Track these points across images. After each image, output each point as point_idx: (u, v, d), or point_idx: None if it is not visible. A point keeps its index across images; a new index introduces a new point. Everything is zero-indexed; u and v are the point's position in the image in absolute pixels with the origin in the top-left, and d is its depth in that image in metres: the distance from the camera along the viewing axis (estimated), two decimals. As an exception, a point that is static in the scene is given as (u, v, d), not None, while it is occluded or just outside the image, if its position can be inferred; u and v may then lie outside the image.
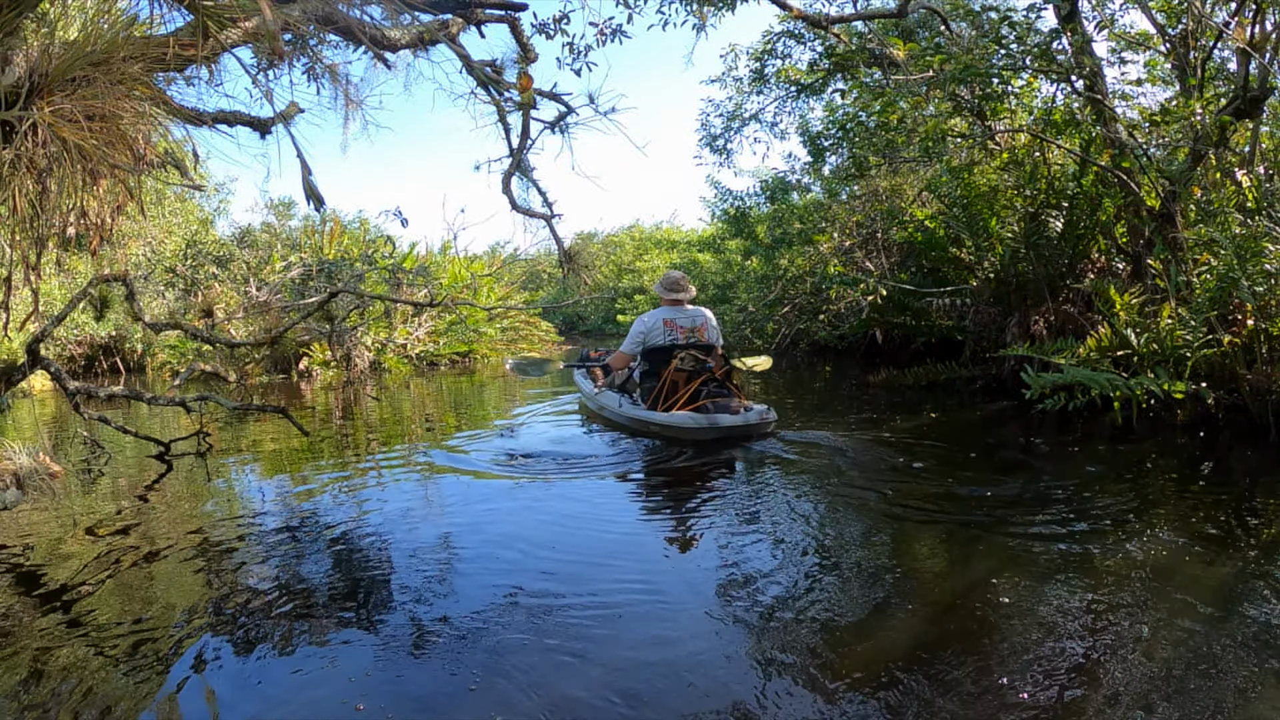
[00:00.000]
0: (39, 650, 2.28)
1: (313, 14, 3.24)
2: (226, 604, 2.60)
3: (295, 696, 2.01)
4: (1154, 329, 4.73)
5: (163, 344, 12.52)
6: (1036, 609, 2.36)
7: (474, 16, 4.28)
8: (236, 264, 14.74)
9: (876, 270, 9.29)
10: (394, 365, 11.55)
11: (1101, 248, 6.56)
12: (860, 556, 2.92)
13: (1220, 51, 6.01)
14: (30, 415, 7.98)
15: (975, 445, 4.98)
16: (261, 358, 9.99)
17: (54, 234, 3.12)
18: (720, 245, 13.95)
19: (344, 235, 13.92)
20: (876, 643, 2.20)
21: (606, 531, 3.31)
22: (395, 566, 2.94)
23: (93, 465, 5.03)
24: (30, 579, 2.91)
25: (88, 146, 2.40)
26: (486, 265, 16.07)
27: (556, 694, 1.96)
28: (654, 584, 2.67)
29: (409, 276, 8.91)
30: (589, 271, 21.70)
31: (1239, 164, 5.68)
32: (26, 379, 5.12)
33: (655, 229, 25.61)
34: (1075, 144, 6.14)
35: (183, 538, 3.39)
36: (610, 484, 4.16)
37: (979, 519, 3.29)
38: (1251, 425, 4.51)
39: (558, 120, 5.02)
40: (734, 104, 10.63)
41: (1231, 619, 2.24)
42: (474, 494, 4.03)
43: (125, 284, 4.74)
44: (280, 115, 3.70)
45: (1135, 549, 2.85)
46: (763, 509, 3.58)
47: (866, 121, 6.97)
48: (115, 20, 2.68)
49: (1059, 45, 5.84)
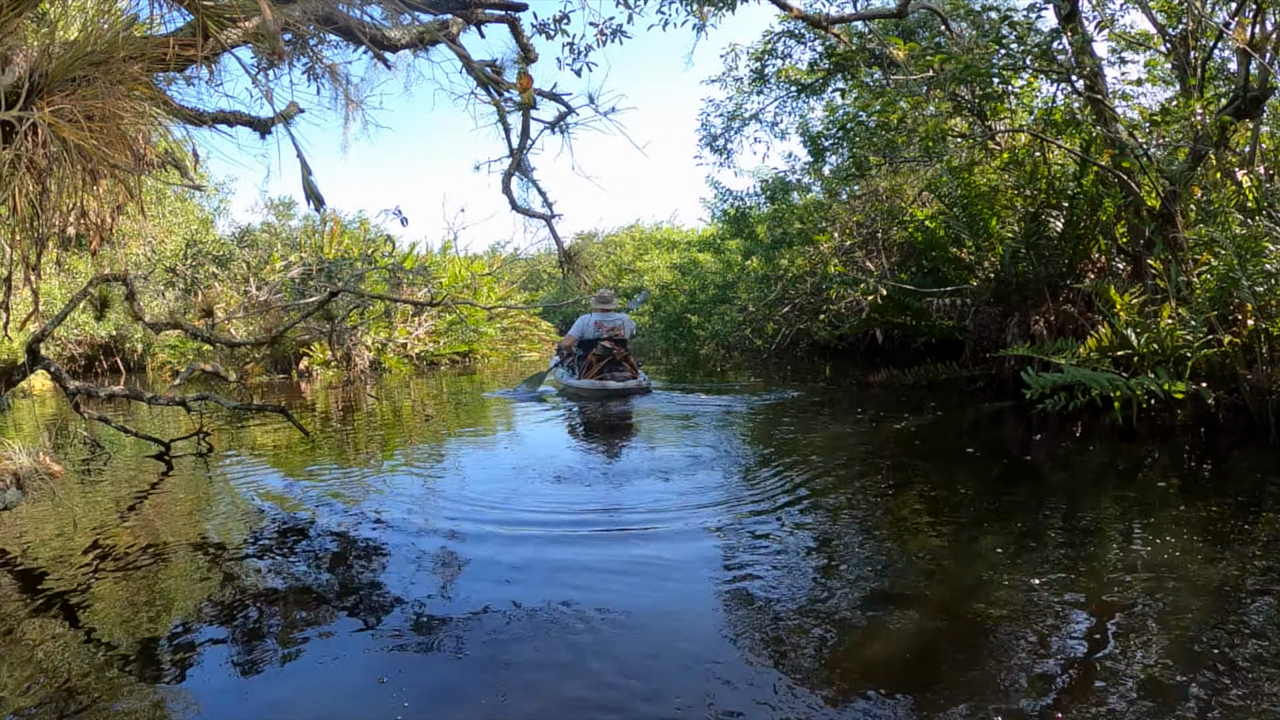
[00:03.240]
0: (40, 650, 2.28)
1: (313, 14, 3.24)
2: (226, 603, 2.60)
3: (295, 696, 2.00)
4: (1154, 329, 4.73)
5: (163, 344, 12.51)
6: (1037, 608, 2.36)
7: (474, 16, 4.27)
8: (236, 264, 14.75)
9: (876, 270, 9.29)
10: (394, 365, 11.55)
11: (1102, 248, 6.56)
12: (860, 556, 2.92)
13: (1220, 51, 6.01)
14: (30, 415, 7.98)
15: (975, 445, 4.98)
16: (261, 357, 10.00)
17: (54, 234, 3.12)
18: (720, 245, 13.94)
19: (344, 235, 13.92)
20: (877, 642, 2.20)
21: (607, 530, 3.31)
22: (396, 566, 2.94)
23: (93, 465, 5.03)
24: (30, 579, 2.91)
25: (88, 146, 2.40)
26: (486, 265, 16.08)
27: (557, 693, 1.96)
28: (655, 583, 2.67)
29: (409, 276, 8.90)
30: (589, 271, 21.68)
31: (1239, 164, 5.68)
32: (26, 379, 5.12)
33: (655, 229, 25.56)
34: (1075, 144, 6.14)
35: (183, 537, 3.39)
36: (610, 482, 4.16)
37: (979, 519, 3.29)
38: (1251, 425, 4.51)
39: (558, 120, 5.01)
40: (734, 104, 10.61)
41: (1232, 619, 2.24)
42: (474, 493, 4.03)
43: (125, 284, 4.74)
44: (280, 115, 3.69)
45: (1135, 549, 2.85)
46: (763, 509, 3.58)
47: (867, 121, 6.95)
48: (115, 20, 2.68)
49: (1059, 45, 5.83)
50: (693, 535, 3.22)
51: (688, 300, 13.57)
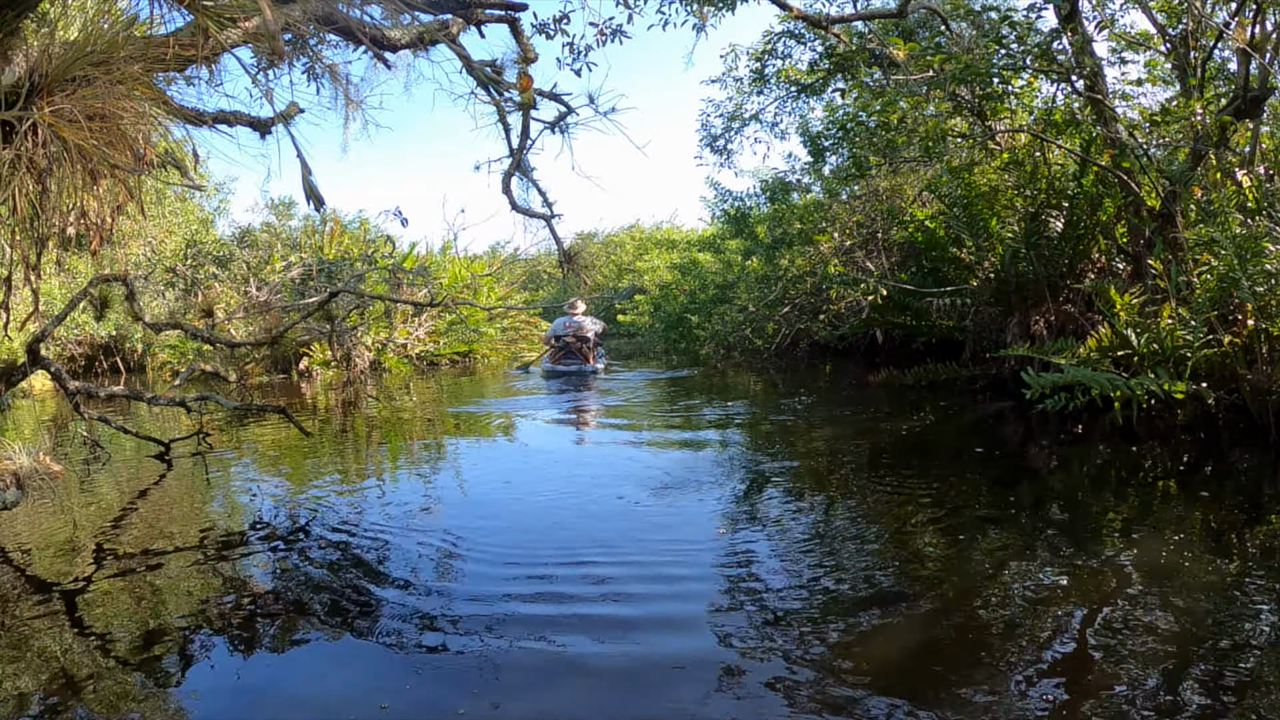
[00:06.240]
0: (40, 649, 2.27)
1: (313, 14, 3.24)
2: (226, 604, 2.60)
3: (295, 696, 2.00)
4: (1154, 329, 4.73)
5: (163, 344, 12.50)
6: (1037, 608, 2.36)
7: (474, 16, 4.27)
8: (236, 264, 14.74)
9: (877, 270, 9.28)
10: (394, 365, 11.54)
11: (1102, 248, 6.56)
12: (861, 556, 2.92)
13: (1220, 51, 6.00)
14: (30, 415, 7.97)
15: (975, 445, 4.98)
16: (261, 358, 9.99)
17: (54, 234, 3.12)
18: (720, 245, 13.93)
19: (344, 235, 13.91)
20: (877, 642, 2.20)
21: (607, 528, 3.31)
22: (395, 566, 2.94)
23: (93, 465, 5.03)
24: (31, 578, 2.91)
25: (88, 146, 2.40)
26: (486, 265, 16.07)
27: (552, 697, 1.96)
28: (654, 582, 2.67)
29: (409, 276, 8.89)
30: (589, 271, 21.66)
31: (1239, 164, 5.67)
32: (26, 379, 5.12)
33: (655, 229, 25.54)
34: (1075, 144, 6.13)
35: (183, 537, 3.39)
36: (610, 480, 4.15)
37: (979, 518, 3.28)
38: (1251, 425, 4.51)
39: (558, 120, 5.00)
40: (734, 104, 10.60)
41: (1232, 618, 2.23)
42: (473, 492, 4.03)
43: (125, 284, 4.74)
44: (280, 115, 3.69)
45: (1136, 548, 2.85)
46: (763, 508, 3.57)
47: (867, 121, 6.94)
48: (115, 20, 2.67)
49: (1059, 45, 5.83)
50: (693, 534, 3.22)
51: (688, 300, 13.58)
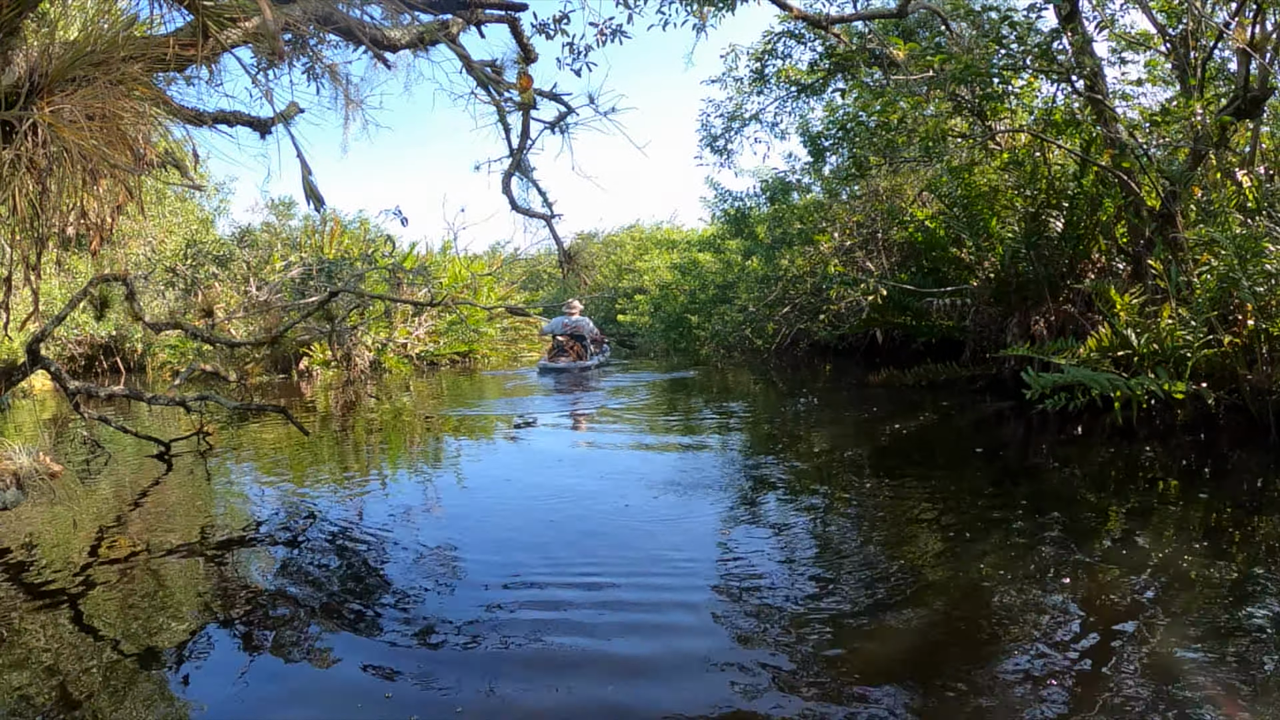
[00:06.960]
0: (40, 649, 2.27)
1: (313, 14, 3.24)
2: (226, 603, 2.60)
3: (295, 696, 2.00)
4: (1154, 329, 4.73)
5: (163, 344, 12.50)
6: (1037, 608, 2.36)
7: (474, 16, 4.27)
8: (236, 264, 14.73)
9: (877, 270, 9.28)
10: (394, 365, 11.55)
11: (1102, 248, 6.56)
12: (861, 556, 2.92)
13: (1220, 52, 6.00)
14: (30, 415, 7.97)
15: (976, 445, 4.98)
16: (261, 357, 10.00)
17: (54, 234, 3.12)
18: (720, 245, 13.94)
19: (344, 235, 13.91)
20: (877, 642, 2.20)
21: (608, 528, 3.31)
22: (395, 566, 2.94)
23: (93, 465, 5.03)
24: (31, 578, 2.91)
25: (88, 146, 2.40)
26: (486, 265, 16.07)
27: (555, 696, 1.96)
28: (653, 581, 2.67)
29: (409, 276, 8.89)
30: (589, 271, 21.66)
31: (1239, 164, 5.67)
32: (26, 379, 5.12)
33: (655, 229, 25.52)
34: (1075, 144, 6.13)
35: (183, 537, 3.39)
36: (610, 480, 4.15)
37: (979, 518, 3.28)
38: (1251, 425, 4.51)
39: (558, 120, 5.01)
40: (734, 104, 10.60)
41: (1232, 618, 2.23)
42: (472, 492, 4.03)
43: (125, 284, 4.74)
44: (280, 115, 3.69)
45: (1136, 548, 2.85)
46: (764, 508, 3.57)
47: (867, 121, 6.95)
48: (115, 20, 2.67)
49: (1059, 45, 5.83)
50: (692, 534, 3.22)
51: (688, 300, 13.58)
